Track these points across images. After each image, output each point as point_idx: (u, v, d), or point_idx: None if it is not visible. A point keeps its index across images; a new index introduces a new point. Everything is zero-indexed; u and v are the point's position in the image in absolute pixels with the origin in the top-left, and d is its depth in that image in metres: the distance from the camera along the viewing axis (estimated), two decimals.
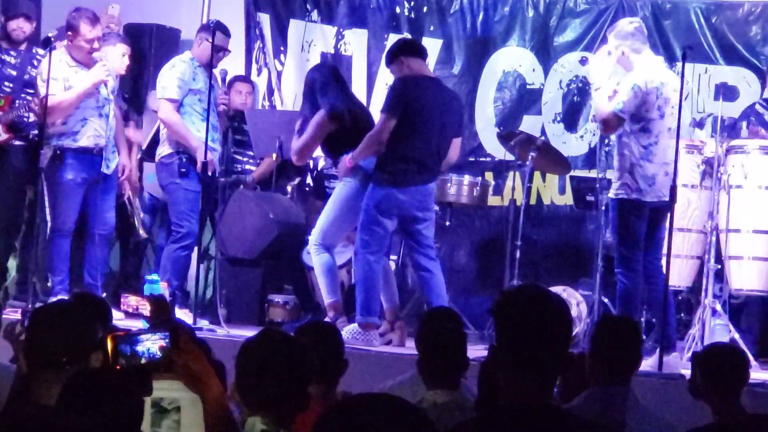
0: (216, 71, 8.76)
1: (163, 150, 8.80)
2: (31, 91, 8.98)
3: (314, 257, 8.27)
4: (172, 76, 8.76)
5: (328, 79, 8.49)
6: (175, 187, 8.72)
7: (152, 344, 3.20)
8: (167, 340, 3.18)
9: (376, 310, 8.06)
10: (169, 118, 8.76)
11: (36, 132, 8.86)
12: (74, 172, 8.69)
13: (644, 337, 7.18)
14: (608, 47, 7.79)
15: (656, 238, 7.76)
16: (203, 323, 8.34)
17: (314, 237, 8.27)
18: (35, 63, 9.13)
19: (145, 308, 5.09)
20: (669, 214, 7.35)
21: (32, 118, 8.93)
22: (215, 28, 8.67)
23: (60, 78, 8.60)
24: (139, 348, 3.20)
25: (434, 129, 8.02)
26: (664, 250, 7.73)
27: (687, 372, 5.53)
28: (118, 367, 3.21)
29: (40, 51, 9.18)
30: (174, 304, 8.18)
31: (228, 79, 9.67)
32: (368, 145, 8.04)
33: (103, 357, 3.25)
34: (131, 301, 5.43)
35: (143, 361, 3.23)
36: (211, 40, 8.56)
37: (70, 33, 8.68)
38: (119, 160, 9.05)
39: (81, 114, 8.70)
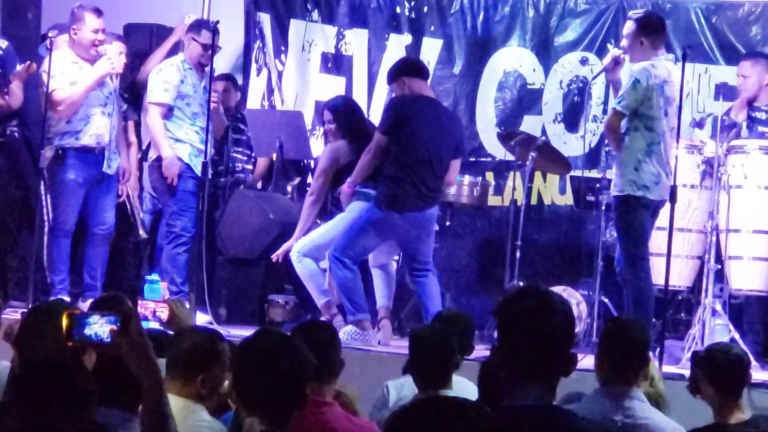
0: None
1: (154, 152, 8.80)
2: None
3: (296, 264, 8.29)
4: (158, 80, 8.74)
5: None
6: (165, 189, 8.72)
7: (100, 328, 3.26)
8: (117, 324, 3.24)
9: (363, 306, 8.06)
10: (151, 123, 8.78)
11: (15, 128, 8.84)
12: (76, 172, 8.69)
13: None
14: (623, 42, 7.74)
15: None
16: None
17: (300, 246, 8.28)
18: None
19: (163, 312, 5.07)
20: (670, 214, 7.34)
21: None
22: (201, 27, 8.73)
23: (64, 74, 8.59)
24: (87, 331, 3.27)
25: (430, 150, 8.02)
26: (654, 249, 7.75)
27: (687, 372, 5.52)
28: (70, 344, 3.28)
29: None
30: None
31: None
32: (361, 167, 8.09)
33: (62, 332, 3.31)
34: (149, 305, 5.43)
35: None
36: (198, 40, 8.66)
37: (74, 26, 8.67)
38: (120, 162, 9.04)
39: (84, 112, 8.69)
